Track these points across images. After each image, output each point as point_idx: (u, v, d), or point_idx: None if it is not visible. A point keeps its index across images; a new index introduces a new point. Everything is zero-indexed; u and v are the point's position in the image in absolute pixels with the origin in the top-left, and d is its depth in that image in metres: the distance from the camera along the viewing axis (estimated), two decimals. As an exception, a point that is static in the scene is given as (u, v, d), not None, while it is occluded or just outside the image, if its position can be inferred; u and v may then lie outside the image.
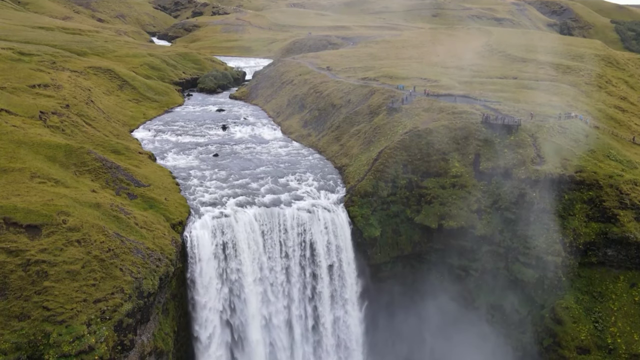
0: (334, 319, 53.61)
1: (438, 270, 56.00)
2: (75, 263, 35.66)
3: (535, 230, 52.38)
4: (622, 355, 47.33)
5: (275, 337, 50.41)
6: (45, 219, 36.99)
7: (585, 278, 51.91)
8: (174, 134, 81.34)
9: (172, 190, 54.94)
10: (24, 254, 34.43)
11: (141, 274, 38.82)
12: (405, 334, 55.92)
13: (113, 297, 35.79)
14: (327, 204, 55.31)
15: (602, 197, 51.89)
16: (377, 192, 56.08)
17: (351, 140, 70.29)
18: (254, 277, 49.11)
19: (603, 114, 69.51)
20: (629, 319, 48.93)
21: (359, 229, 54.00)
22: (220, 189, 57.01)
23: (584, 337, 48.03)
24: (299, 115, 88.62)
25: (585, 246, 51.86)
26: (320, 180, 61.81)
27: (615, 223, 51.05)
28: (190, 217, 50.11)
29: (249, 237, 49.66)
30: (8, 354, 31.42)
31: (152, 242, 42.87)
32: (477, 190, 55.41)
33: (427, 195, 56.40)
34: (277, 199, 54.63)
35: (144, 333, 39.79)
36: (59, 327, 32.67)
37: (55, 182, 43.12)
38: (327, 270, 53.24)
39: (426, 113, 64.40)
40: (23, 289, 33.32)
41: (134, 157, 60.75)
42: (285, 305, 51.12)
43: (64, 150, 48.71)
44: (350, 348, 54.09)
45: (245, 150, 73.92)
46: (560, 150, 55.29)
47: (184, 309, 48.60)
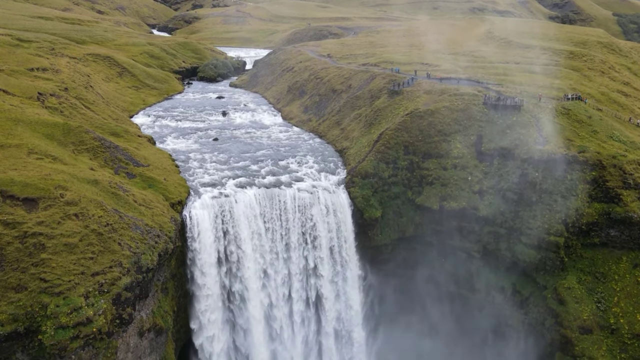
0: (334, 298, 53.26)
1: (439, 251, 55.58)
2: (72, 236, 35.26)
3: (538, 211, 51.93)
4: (624, 335, 46.96)
5: (275, 314, 50.12)
6: (43, 193, 36.56)
7: (588, 259, 51.48)
8: (174, 120, 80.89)
9: (171, 171, 54.51)
10: (20, 226, 34.03)
11: (140, 250, 38.44)
12: (405, 314, 55.53)
13: (111, 270, 35.42)
14: (327, 185, 54.89)
15: (605, 177, 51.39)
16: (378, 174, 55.61)
17: (352, 124, 69.78)
18: (254, 257, 48.76)
19: (606, 98, 68.90)
20: (631, 299, 48.53)
21: (360, 209, 53.57)
22: (220, 171, 56.61)
23: (586, 317, 47.65)
24: (300, 101, 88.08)
25: (588, 227, 51.42)
26: (321, 162, 61.41)
27: (618, 203, 50.58)
28: (189, 197, 49.71)
29: (249, 217, 49.25)
30: (5, 325, 31.09)
31: (150, 220, 42.47)
32: (478, 171, 54.93)
33: (428, 177, 55.92)
34: (277, 181, 54.21)
35: (143, 309, 39.46)
36: (56, 298, 32.31)
37: (53, 159, 42.66)
38: (328, 251, 52.86)
39: (427, 95, 63.82)
40: (20, 260, 32.94)
41: (133, 140, 60.28)
42: (285, 283, 50.77)
43: (62, 129, 48.24)
44: (351, 323, 53.81)
45: (245, 135, 73.45)
46: (563, 131, 54.78)
47: (183, 290, 48.27)
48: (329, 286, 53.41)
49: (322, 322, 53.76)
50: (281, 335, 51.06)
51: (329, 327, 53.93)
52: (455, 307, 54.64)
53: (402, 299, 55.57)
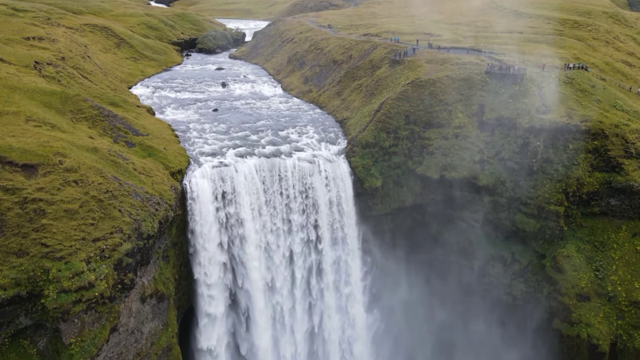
0: (334, 267, 53.66)
1: (439, 221, 55.71)
2: (73, 202, 35.25)
3: (538, 180, 51.85)
4: (621, 303, 47.45)
5: (275, 278, 50.54)
6: (42, 159, 36.40)
7: (588, 228, 51.65)
8: (173, 91, 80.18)
9: (171, 141, 54.23)
10: (20, 192, 33.98)
11: (140, 217, 38.48)
12: (405, 284, 56.06)
13: (112, 236, 35.52)
14: (328, 155, 54.66)
15: (607, 147, 51.11)
16: (378, 143, 55.32)
17: (352, 95, 69.13)
18: (254, 225, 48.90)
19: (610, 67, 68.03)
20: (629, 267, 48.87)
21: (360, 179, 53.46)
22: (219, 140, 56.34)
23: (584, 285, 48.04)
24: (300, 72, 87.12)
25: (588, 196, 51.41)
26: (321, 133, 61.05)
27: (619, 172, 50.44)
28: (189, 166, 49.58)
29: (249, 185, 49.20)
30: (7, 289, 31.33)
31: (151, 187, 42.42)
32: (480, 141, 54.59)
33: (429, 146, 55.63)
34: (277, 150, 54.00)
35: (145, 275, 39.76)
36: (58, 263, 32.49)
37: (51, 127, 42.37)
38: (328, 221, 52.97)
39: (429, 64, 63.00)
40: (21, 226, 33.00)
41: (132, 110, 59.80)
42: (286, 252, 51.06)
43: (59, 97, 47.78)
44: (352, 288, 54.42)
45: (245, 106, 72.89)
46: (566, 100, 54.23)
47: (184, 258, 48.57)
48: (329, 255, 53.69)
49: (324, 292, 54.19)
50: (282, 297, 51.43)
51: (330, 301, 54.43)
52: (454, 276, 54.99)
53: (402, 268, 55.92)
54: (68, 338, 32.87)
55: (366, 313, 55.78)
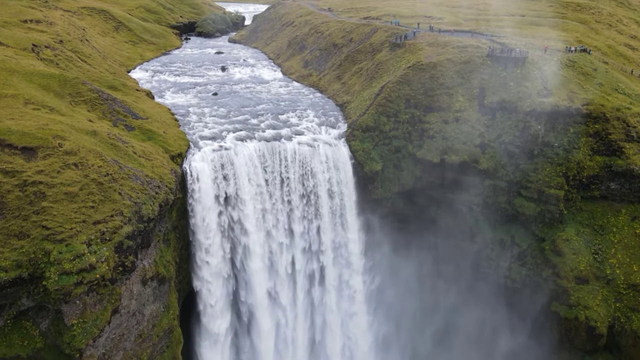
0: (334, 250, 53.91)
1: (439, 205, 55.76)
2: (73, 185, 35.24)
3: (539, 164, 51.75)
4: (620, 286, 47.70)
5: (275, 260, 50.83)
6: (41, 142, 36.30)
7: (587, 211, 51.70)
8: (172, 75, 79.80)
9: (170, 125, 54.05)
10: (20, 175, 33.95)
11: (140, 200, 38.51)
12: (404, 267, 56.28)
13: (112, 219, 35.58)
14: (328, 139, 54.53)
15: (608, 130, 50.91)
16: (378, 127, 55.12)
17: (353, 78, 68.73)
18: (255, 209, 48.99)
19: (612, 51, 67.49)
20: (628, 250, 49.02)
21: (360, 163, 53.39)
22: (219, 124, 56.16)
23: (583, 268, 48.25)
24: (300, 56, 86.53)
25: (588, 180, 51.36)
26: (321, 116, 60.83)
27: (620, 156, 50.32)
28: (189, 150, 49.48)
29: (249, 169, 49.18)
30: (9, 271, 31.48)
31: (150, 171, 42.38)
32: (480, 125, 54.38)
33: (429, 130, 55.43)
34: (277, 134, 53.84)
35: (145, 258, 39.94)
36: (59, 245, 32.59)
37: (50, 110, 42.18)
38: (328, 204, 53.04)
39: (430, 48, 62.49)
40: (21, 208, 33.04)
41: (131, 94, 59.52)
42: (286, 235, 51.25)
43: (58, 80, 47.49)
44: (353, 266, 54.81)
45: (245, 90, 72.55)
46: (567, 83, 53.87)
47: (185, 242, 48.72)
48: (329, 239, 53.87)
49: (325, 274, 54.49)
50: (282, 278, 51.73)
51: (331, 283, 54.75)
52: (454, 260, 55.23)
53: (401, 251, 56.07)
54: (70, 319, 33.13)
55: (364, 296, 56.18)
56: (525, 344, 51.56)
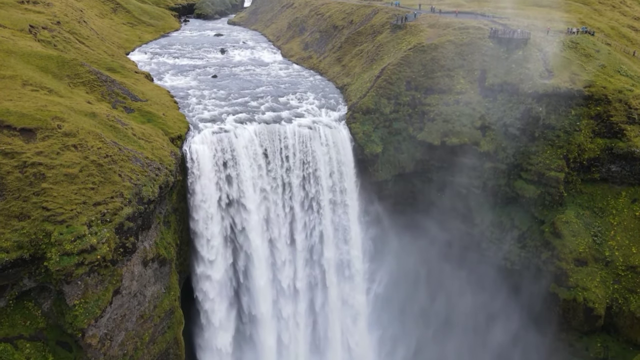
0: (334, 232, 54.04)
1: (439, 188, 55.77)
2: (72, 167, 35.17)
3: (539, 146, 51.63)
4: (618, 267, 47.91)
5: (275, 237, 50.94)
6: (40, 123, 36.14)
7: (587, 194, 51.70)
8: (171, 57, 79.25)
9: (170, 107, 53.76)
10: (19, 156, 33.87)
11: (140, 181, 38.48)
12: (404, 249, 56.52)
13: (113, 200, 35.60)
14: (328, 121, 54.31)
15: (610, 112, 50.63)
16: (379, 109, 54.84)
17: (353, 61, 68.20)
18: (255, 190, 49.02)
19: (616, 32, 66.79)
20: (628, 233, 49.13)
21: (361, 145, 53.25)
22: (219, 107, 55.91)
23: (582, 250, 48.42)
24: (300, 38, 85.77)
25: (589, 162, 51.25)
26: (322, 99, 60.52)
27: (621, 138, 50.13)
28: (189, 132, 49.34)
29: (249, 151, 49.09)
30: (10, 252, 31.59)
31: (150, 153, 42.28)
32: (481, 107, 54.09)
33: (430, 112, 55.15)
34: (277, 116, 53.62)
35: (146, 239, 40.06)
36: (59, 226, 32.66)
37: (49, 91, 41.91)
38: (328, 187, 53.04)
39: (431, 29, 61.86)
40: (21, 190, 33.02)
41: (130, 76, 59.08)
42: (286, 217, 51.33)
43: (56, 62, 47.10)
44: (351, 256, 55.02)
45: (245, 72, 72.09)
46: (569, 65, 53.42)
47: (185, 224, 48.81)
48: (329, 220, 53.97)
49: (325, 253, 54.66)
50: (282, 253, 51.79)
51: (331, 264, 54.95)
52: (453, 242, 55.43)
53: (401, 233, 56.26)
54: (72, 300, 33.34)
55: (364, 277, 56.51)
56: (524, 324, 52.01)
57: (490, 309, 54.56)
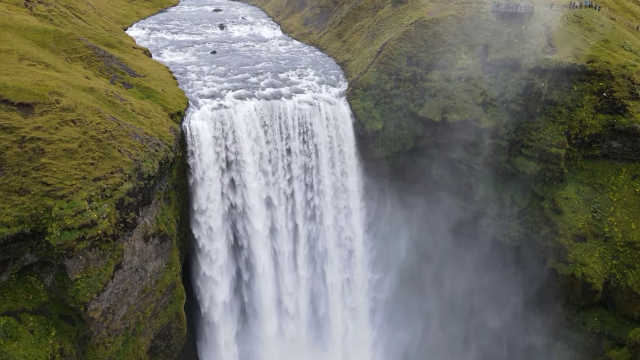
0: (334, 207, 54.12)
1: (439, 164, 55.64)
2: (71, 142, 35.02)
3: (541, 122, 51.37)
4: (617, 243, 48.15)
5: (277, 224, 51.21)
6: (38, 98, 35.84)
7: (588, 170, 51.64)
8: (170, 33, 78.22)
9: (169, 83, 53.27)
10: (18, 131, 33.69)
11: (140, 157, 38.36)
12: (404, 226, 56.72)
13: (113, 176, 35.55)
14: (328, 97, 53.91)
15: (612, 88, 50.20)
16: (380, 85, 54.35)
17: (354, 36, 67.33)
18: (255, 166, 48.97)
19: (620, 7, 65.76)
20: (627, 209, 49.23)
21: (361, 121, 52.94)
22: (218, 83, 55.41)
23: (582, 226, 48.60)
24: (300, 14, 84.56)
25: (590, 138, 51.06)
26: (322, 75, 59.96)
27: (623, 114, 49.84)
28: (188, 109, 49.01)
29: (249, 127, 48.85)
30: (11, 226, 31.68)
31: (150, 128, 42.05)
32: (483, 83, 53.63)
33: (431, 89, 54.68)
34: (277, 92, 53.19)
35: (147, 215, 40.14)
36: (60, 201, 32.68)
37: (46, 66, 41.46)
38: (328, 164, 52.95)
39: (433, 4, 60.92)
40: (20, 164, 32.95)
41: (128, 51, 58.34)
42: (286, 190, 51.39)
43: (53, 36, 46.47)
44: (353, 226, 55.23)
45: (244, 48, 71.26)
46: (573, 40, 52.75)
47: (185, 201, 48.87)
48: (329, 196, 54.02)
49: (324, 233, 54.92)
50: (282, 228, 51.96)
51: (330, 239, 55.19)
52: (453, 218, 55.57)
53: (400, 210, 56.36)
54: (74, 274, 33.58)
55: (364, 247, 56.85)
56: (521, 299, 52.57)
57: (488, 285, 55.06)
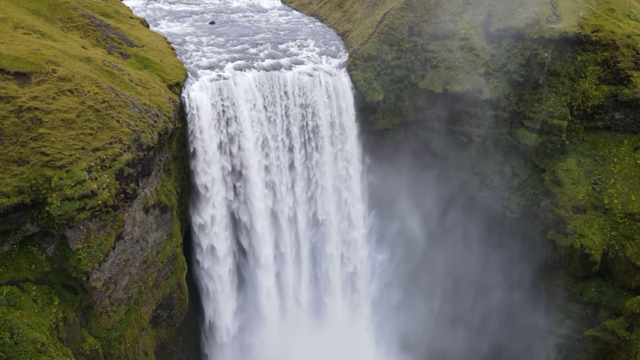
0: (333, 180, 54.05)
1: (440, 136, 55.33)
2: (69, 112, 34.75)
3: (543, 93, 50.85)
4: (617, 215, 48.29)
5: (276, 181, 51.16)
6: (34, 67, 35.39)
7: (589, 142, 51.39)
8: (167, 3, 76.90)
9: (167, 53, 52.55)
10: (15, 101, 33.38)
11: (139, 128, 38.15)
12: (403, 198, 56.76)
13: (112, 146, 35.41)
14: (328, 68, 53.28)
15: (617, 58, 49.50)
16: (380, 56, 53.62)
17: (355, 6, 66.04)
18: (255, 137, 48.83)
19: (627, -25, 64.23)
20: (628, 180, 49.19)
21: (362, 93, 52.41)
22: (217, 53, 54.72)
23: (582, 198, 48.65)
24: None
25: (593, 110, 50.63)
26: (322, 46, 59.10)
27: (627, 85, 49.28)
28: (187, 80, 48.51)
29: (248, 99, 48.49)
30: (11, 196, 31.71)
31: (148, 99, 41.69)
32: (485, 53, 52.87)
33: (433, 59, 53.95)
34: (277, 64, 52.54)
35: (147, 186, 40.16)
36: (59, 171, 32.62)
37: (42, 35, 40.80)
38: (328, 136, 52.69)
39: (436, -29, 59.46)
40: (18, 134, 32.78)
41: (125, 21, 57.28)
42: (287, 160, 51.32)
43: (47, 4, 45.61)
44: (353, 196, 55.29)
45: (243, 19, 70.06)
46: (578, 9, 51.74)
47: (185, 173, 48.85)
48: (330, 171, 53.97)
49: (323, 204, 55.03)
50: (282, 194, 51.92)
51: (330, 206, 55.27)
52: (453, 191, 55.67)
53: (400, 182, 56.26)
54: (75, 244, 33.80)
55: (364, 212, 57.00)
56: (519, 271, 53.07)
57: (487, 257, 55.51)
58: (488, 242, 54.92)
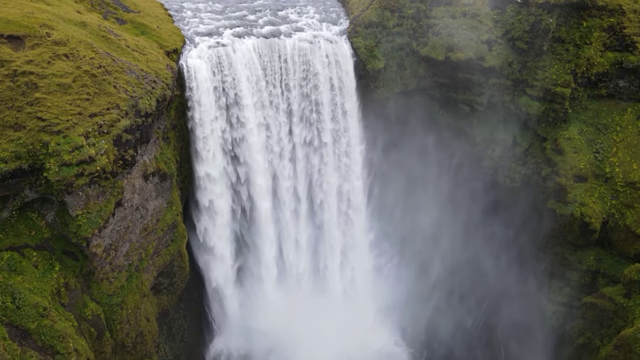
0: (334, 144, 53.74)
1: (442, 105, 54.83)
2: (65, 77, 34.18)
3: (547, 61, 50.02)
4: (617, 183, 48.10)
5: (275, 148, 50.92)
6: (28, 30, 34.66)
7: (592, 110, 50.83)
8: (163, -31, 74.97)
9: (164, 20, 51.55)
10: (9, 65, 32.78)
11: (137, 94, 37.61)
12: (404, 167, 56.47)
13: (109, 112, 34.96)
14: (329, 36, 52.27)
15: (623, 24, 48.51)
16: (382, 23, 52.58)
17: (356, -28, 64.40)
18: (254, 105, 48.33)
19: (636, -61, 62.40)
20: (630, 149, 48.84)
21: (362, 60, 51.60)
22: (216, 20, 53.62)
23: (583, 166, 48.37)
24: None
25: (597, 77, 49.90)
26: (322, 13, 57.96)
27: (632, 52, 48.44)
28: (185, 46, 47.69)
29: (247, 66, 47.74)
30: (9, 162, 31.45)
31: (145, 65, 41.02)
32: (489, 20, 51.86)
33: (435, 26, 52.93)
34: (276, 30, 51.53)
35: (145, 153, 39.86)
36: (56, 137, 32.28)
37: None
38: (329, 103, 52.08)
39: None
40: (14, 99, 32.30)
41: (120, -13, 56.11)
42: (285, 132, 50.93)
43: (40, -32, 44.40)
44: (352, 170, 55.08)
45: (241, -15, 68.49)
46: (584, -27, 50.38)
47: (185, 142, 48.49)
48: (330, 140, 53.56)
49: (323, 173, 54.80)
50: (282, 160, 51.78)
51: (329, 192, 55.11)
52: (455, 160, 55.39)
53: (400, 151, 55.92)
54: (74, 210, 33.70)
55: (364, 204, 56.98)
56: (519, 240, 53.22)
57: (487, 225, 55.58)
58: (489, 211, 54.92)
